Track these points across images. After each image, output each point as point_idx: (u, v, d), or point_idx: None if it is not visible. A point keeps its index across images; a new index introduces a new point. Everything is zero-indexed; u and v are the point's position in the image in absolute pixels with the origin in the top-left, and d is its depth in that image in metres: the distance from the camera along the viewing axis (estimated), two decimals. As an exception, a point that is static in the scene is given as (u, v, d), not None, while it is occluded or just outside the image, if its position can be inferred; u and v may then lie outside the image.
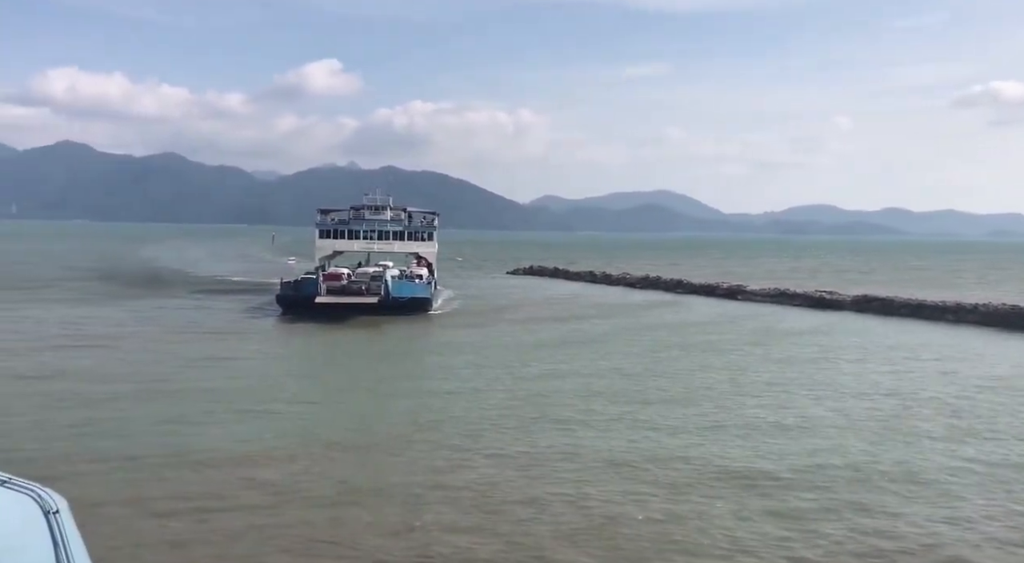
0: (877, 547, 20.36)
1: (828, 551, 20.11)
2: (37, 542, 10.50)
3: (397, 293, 70.63)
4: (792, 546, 20.37)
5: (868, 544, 20.55)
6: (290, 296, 69.83)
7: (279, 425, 32.14)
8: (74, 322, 61.87)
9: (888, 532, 21.36)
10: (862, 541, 20.72)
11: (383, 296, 69.43)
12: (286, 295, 70.23)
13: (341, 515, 22.27)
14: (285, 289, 71.06)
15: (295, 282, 71.76)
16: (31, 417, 32.01)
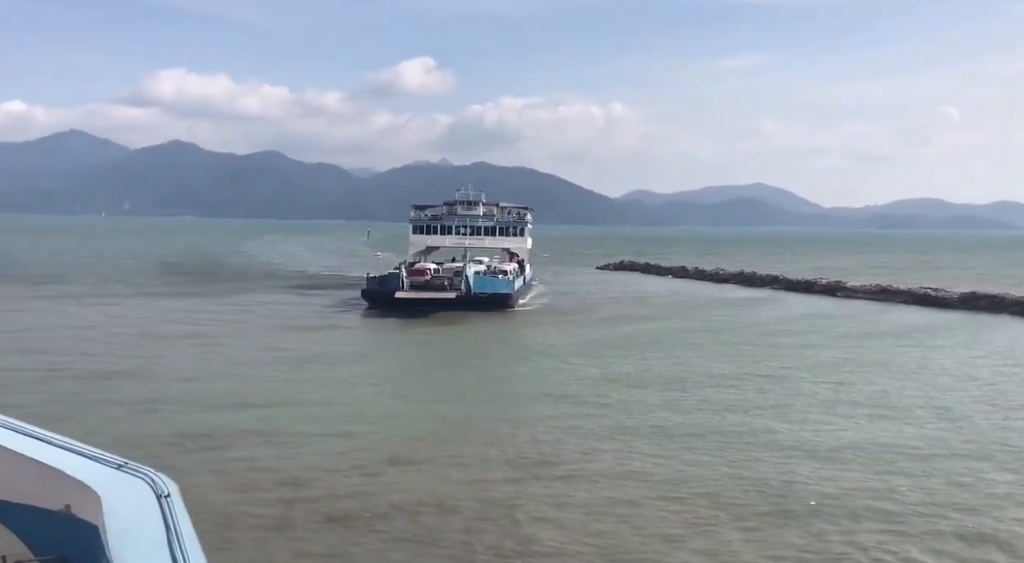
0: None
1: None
2: (151, 524, 11.12)
3: (479, 289, 70.92)
4: None
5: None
6: (374, 291, 70.96)
7: (357, 435, 32.88)
8: (173, 316, 64.78)
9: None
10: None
11: (464, 292, 69.85)
12: (371, 290, 71.40)
13: (440, 507, 22.70)
14: (370, 284, 72.19)
15: (379, 277, 72.86)
16: (132, 406, 33.79)
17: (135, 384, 37.74)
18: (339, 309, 72.12)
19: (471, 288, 70.47)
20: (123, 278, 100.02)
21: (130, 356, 45.28)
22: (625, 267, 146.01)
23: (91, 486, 11.37)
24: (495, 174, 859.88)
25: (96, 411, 32.03)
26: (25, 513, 12.70)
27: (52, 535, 12.06)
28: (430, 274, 72.91)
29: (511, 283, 75.79)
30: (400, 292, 69.36)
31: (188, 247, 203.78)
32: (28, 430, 14.05)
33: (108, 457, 12.57)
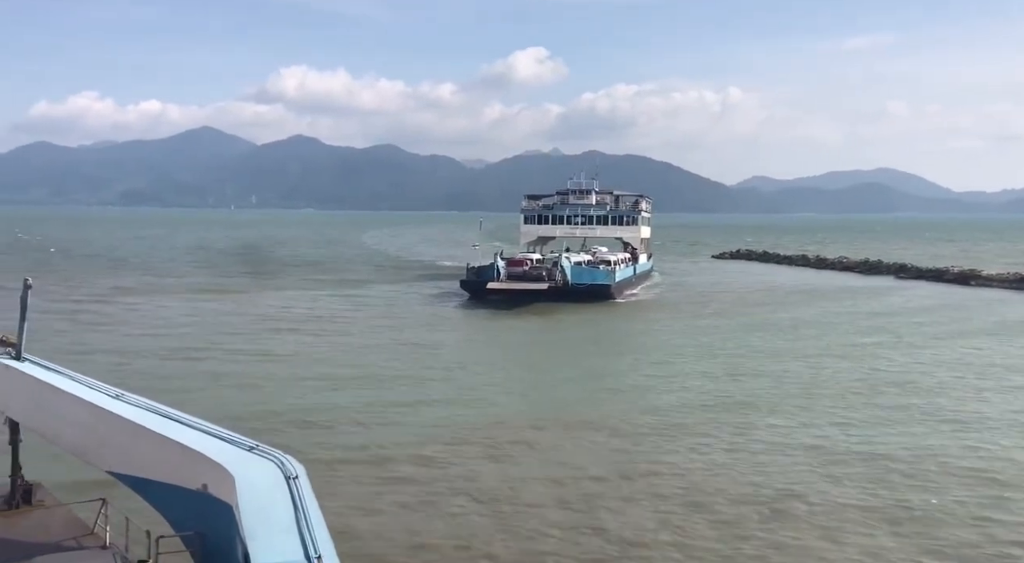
0: None
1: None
2: (280, 505, 11.75)
3: (576, 280, 70.35)
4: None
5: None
6: (472, 281, 71.55)
7: (457, 415, 33.39)
8: (295, 307, 67.68)
9: None
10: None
11: (561, 282, 69.44)
12: (469, 281, 72.03)
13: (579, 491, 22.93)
14: (469, 275, 72.90)
15: (477, 268, 73.27)
16: (266, 391, 35.46)
17: (264, 370, 39.72)
18: (441, 300, 72.77)
19: (569, 279, 70.15)
20: (249, 269, 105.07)
21: (259, 344, 47.75)
22: (742, 256, 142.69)
23: (226, 467, 12.16)
24: (607, 163, 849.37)
25: (225, 395, 33.84)
26: (167, 491, 13.67)
27: (190, 512, 12.94)
28: (529, 265, 72.76)
29: (611, 274, 74.33)
30: (492, 283, 69.70)
31: (311, 239, 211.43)
32: (170, 413, 15.08)
33: (241, 439, 13.39)
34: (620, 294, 74.51)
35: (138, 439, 14.12)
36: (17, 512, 17.20)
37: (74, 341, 45.69)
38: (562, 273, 70.09)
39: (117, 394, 15.76)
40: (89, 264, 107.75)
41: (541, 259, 75.20)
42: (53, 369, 17.13)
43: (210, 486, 12.43)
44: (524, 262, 73.27)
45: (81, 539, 15.76)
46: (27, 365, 17.18)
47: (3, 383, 17.38)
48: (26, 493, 17.65)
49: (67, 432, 16.07)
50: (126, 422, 14.42)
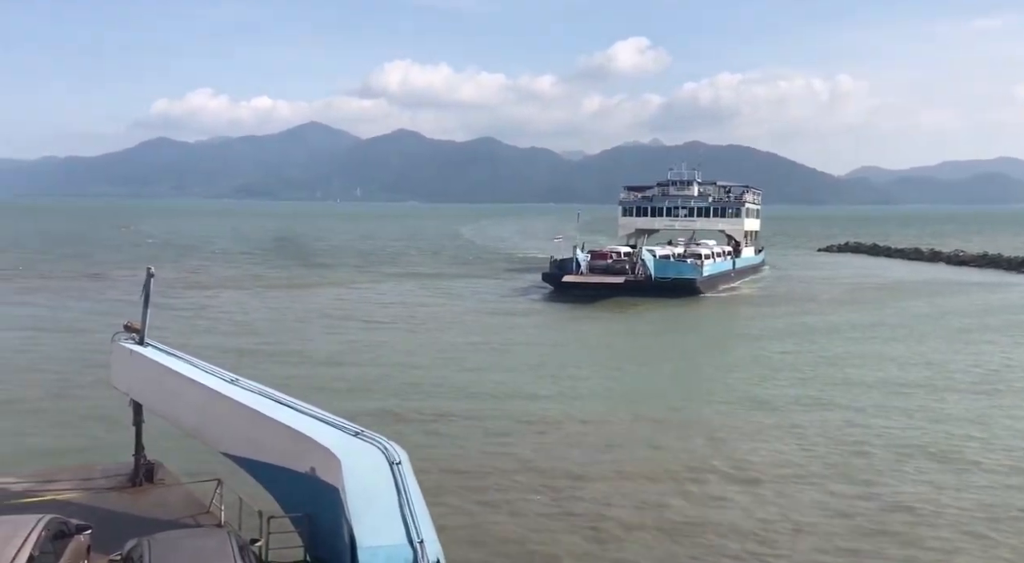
0: None
1: None
2: (385, 489, 12.11)
3: (660, 274, 68.79)
4: None
5: None
6: (553, 274, 70.91)
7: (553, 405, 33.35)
8: (392, 300, 69.13)
9: None
10: None
11: (643, 276, 68.23)
12: (551, 273, 71.34)
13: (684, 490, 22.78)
14: (552, 267, 72.23)
15: (559, 261, 72.43)
16: (356, 381, 36.40)
17: (359, 360, 40.88)
18: (527, 292, 72.23)
19: (651, 273, 68.86)
20: (346, 260, 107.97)
21: (349, 336, 49.17)
22: (850, 249, 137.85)
23: (333, 451, 12.61)
24: (710, 153, 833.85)
25: (326, 384, 34.84)
26: (277, 473, 14.24)
27: (299, 494, 13.45)
28: (613, 258, 71.55)
29: (697, 268, 72.00)
30: (568, 276, 69.07)
31: (412, 232, 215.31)
32: (281, 397, 15.69)
33: (347, 425, 13.82)
34: (711, 289, 72.49)
35: (251, 422, 14.75)
36: (140, 489, 18.26)
37: (185, 330, 47.89)
38: (644, 267, 69.01)
39: (232, 379, 16.50)
40: (185, 254, 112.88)
41: (630, 252, 73.77)
42: (173, 354, 18.07)
43: (318, 469, 12.89)
44: (608, 255, 72.35)
45: (198, 517, 16.62)
46: (150, 350, 18.18)
47: (128, 367, 18.45)
48: (148, 471, 18.72)
49: (185, 414, 16.94)
50: (240, 406, 15.10)
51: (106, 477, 18.84)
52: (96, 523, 14.51)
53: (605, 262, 70.72)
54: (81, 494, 17.74)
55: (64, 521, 13.38)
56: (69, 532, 13.26)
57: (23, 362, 38.93)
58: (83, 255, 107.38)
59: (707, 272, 73.50)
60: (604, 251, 74.04)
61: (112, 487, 18.29)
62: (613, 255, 72.17)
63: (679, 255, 76.07)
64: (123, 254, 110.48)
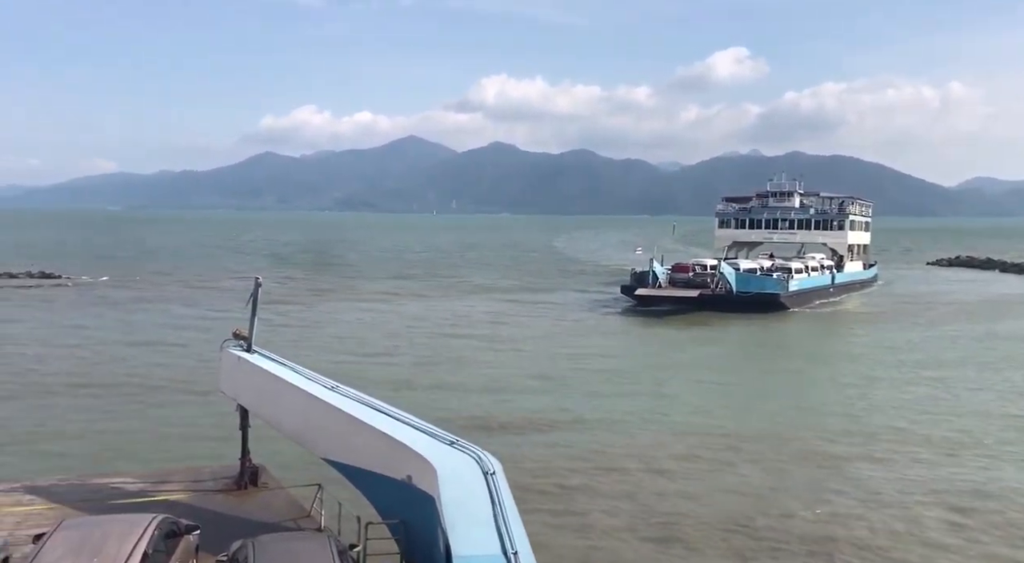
0: None
1: None
2: (479, 498, 12.19)
3: (741, 288, 66.97)
4: None
5: None
6: (631, 287, 69.87)
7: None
8: (477, 313, 69.53)
9: None
10: None
11: (723, 290, 66.58)
12: (630, 286, 70.30)
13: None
14: (632, 280, 71.13)
15: (639, 273, 71.09)
16: (447, 393, 36.74)
17: (448, 373, 41.37)
18: (609, 306, 71.27)
19: (732, 287, 67.07)
20: (453, 274, 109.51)
21: (436, 348, 49.85)
22: (961, 262, 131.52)
23: (428, 459, 12.76)
24: (811, 164, 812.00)
25: (417, 394, 35.41)
26: (374, 480, 14.50)
27: (395, 501, 13.66)
28: (694, 271, 70.02)
29: (783, 283, 69.47)
30: (641, 289, 68.15)
31: (502, 243, 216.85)
32: (378, 405, 15.99)
33: (442, 433, 13.98)
34: (801, 304, 70.18)
35: (350, 429, 15.09)
36: (245, 492, 18.91)
37: (295, 338, 49.43)
38: (724, 280, 67.37)
39: (332, 386, 16.93)
40: (282, 264, 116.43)
41: (715, 265, 71.26)
42: (278, 361, 18.66)
43: (414, 477, 13.07)
44: (690, 268, 71.02)
45: (299, 520, 17.09)
46: (256, 357, 18.82)
47: (236, 373, 19.16)
48: (253, 475, 19.36)
49: (288, 419, 17.46)
50: (340, 412, 15.47)
51: (213, 479, 19.58)
52: (203, 524, 15.10)
53: (687, 275, 69.47)
54: (190, 495, 18.48)
55: (175, 521, 13.97)
56: (179, 532, 13.84)
57: (141, 365, 40.96)
58: (199, 263, 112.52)
59: (795, 287, 71.03)
60: (686, 264, 72.89)
61: (219, 489, 19.00)
62: (697, 268, 70.76)
63: (766, 269, 73.85)
64: (235, 263, 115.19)
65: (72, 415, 31.16)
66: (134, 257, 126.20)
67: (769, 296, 67.40)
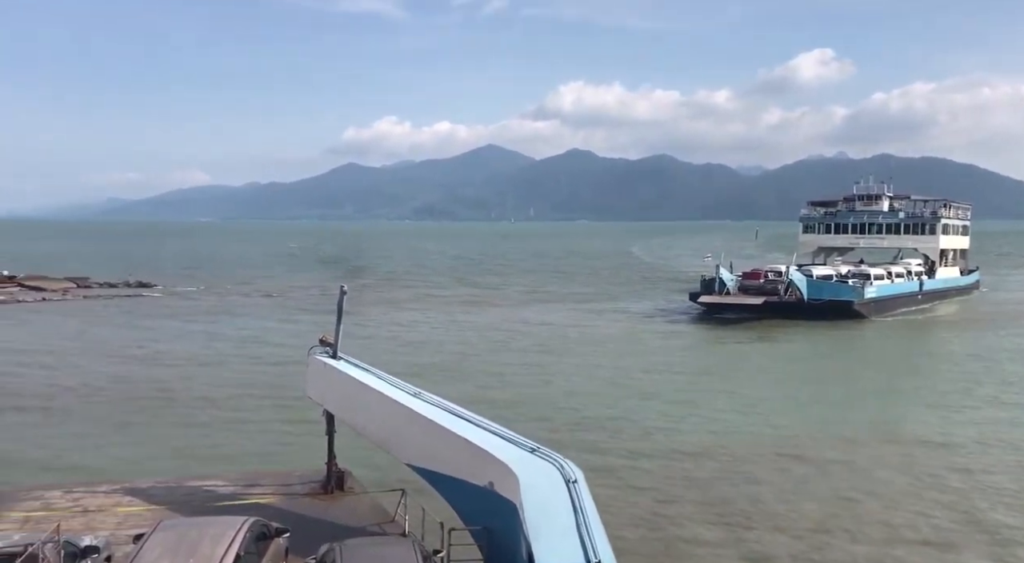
0: None
1: None
2: (561, 506, 12.17)
3: (814, 295, 64.80)
4: None
5: None
6: (700, 294, 68.46)
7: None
8: (546, 320, 69.18)
9: None
10: None
11: (794, 297, 64.67)
12: (698, 293, 68.92)
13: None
14: (702, 287, 69.44)
15: (708, 280, 69.39)
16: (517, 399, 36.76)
17: (519, 381, 41.61)
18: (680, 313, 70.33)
19: (803, 294, 64.92)
20: (531, 281, 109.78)
21: (514, 357, 49.79)
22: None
23: (510, 467, 12.81)
24: (900, 166, 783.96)
25: (490, 401, 35.58)
26: (457, 486, 14.63)
27: (478, 508, 13.75)
28: (765, 278, 68.14)
29: (858, 290, 66.76)
30: (705, 296, 66.96)
31: (580, 250, 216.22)
32: (460, 412, 16.14)
33: (523, 441, 14.01)
34: (881, 312, 67.64)
35: (432, 435, 15.27)
36: (331, 496, 19.33)
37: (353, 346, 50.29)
38: (794, 287, 65.30)
39: (415, 392, 17.18)
40: (359, 274, 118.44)
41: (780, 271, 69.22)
42: (362, 367, 19.04)
43: (496, 484, 13.13)
44: (760, 274, 69.21)
45: (384, 525, 17.37)
46: (342, 363, 19.25)
47: (323, 379, 19.63)
48: (339, 479, 19.78)
49: (372, 425, 17.79)
50: (422, 418, 15.68)
51: (301, 483, 20.08)
52: (291, 526, 15.48)
53: (757, 282, 67.80)
54: (279, 498, 18.99)
55: (265, 524, 14.37)
56: (270, 534, 14.23)
57: (231, 372, 42.34)
58: (282, 272, 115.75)
59: (872, 294, 68.22)
60: (758, 271, 71.10)
61: (306, 493, 19.47)
62: (770, 274, 68.87)
63: (842, 275, 71.27)
64: (315, 272, 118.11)
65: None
66: (222, 266, 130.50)
67: (842, 304, 65.08)
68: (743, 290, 67.55)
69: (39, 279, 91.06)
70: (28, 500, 18.84)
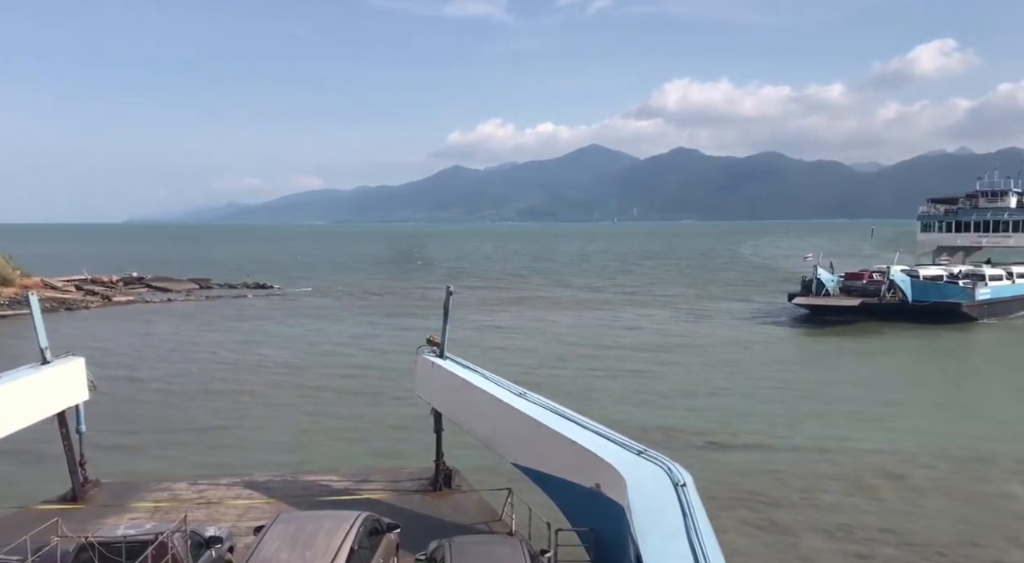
0: None
1: None
2: (670, 511, 12.01)
3: (918, 296, 61.74)
4: None
5: None
6: (799, 295, 66.33)
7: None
8: (646, 323, 68.03)
9: None
10: None
11: (897, 299, 61.84)
12: (797, 294, 66.79)
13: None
14: (802, 288, 67.22)
15: (807, 282, 67.05)
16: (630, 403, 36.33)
17: (621, 383, 41.27)
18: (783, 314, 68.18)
19: (907, 295, 61.92)
20: (634, 281, 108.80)
21: (615, 360, 49.28)
22: None
23: (617, 469, 12.74)
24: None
25: (593, 403, 35.40)
26: (563, 486, 14.66)
27: (584, 509, 13.74)
28: (870, 278, 65.36)
29: (968, 291, 63.08)
30: (799, 298, 65.17)
31: (686, 250, 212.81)
32: (565, 412, 16.17)
33: (630, 443, 13.91)
34: (993, 315, 64.00)
35: (538, 435, 15.33)
36: (439, 494, 19.67)
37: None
38: (895, 289, 62.40)
39: (521, 392, 17.28)
40: (463, 275, 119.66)
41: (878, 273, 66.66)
42: (469, 367, 19.32)
43: (603, 486, 13.07)
44: (864, 275, 66.63)
45: (491, 523, 17.54)
46: (448, 362, 19.60)
47: (430, 378, 20.02)
48: (447, 477, 20.11)
49: (479, 424, 18.02)
50: (528, 419, 15.76)
51: (411, 480, 20.51)
52: (402, 522, 15.83)
53: (861, 283, 65.26)
54: (389, 494, 19.44)
55: (377, 519, 14.75)
56: (381, 530, 14.59)
57: (343, 369, 43.71)
58: (388, 274, 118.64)
59: (985, 296, 64.39)
60: (861, 271, 68.67)
61: (416, 490, 19.87)
62: (875, 275, 66.08)
63: (952, 275, 67.33)
64: (420, 274, 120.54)
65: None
66: (332, 268, 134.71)
67: (950, 305, 61.83)
68: (845, 291, 65.36)
69: (165, 280, 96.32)
70: (157, 491, 19.92)
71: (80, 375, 19.77)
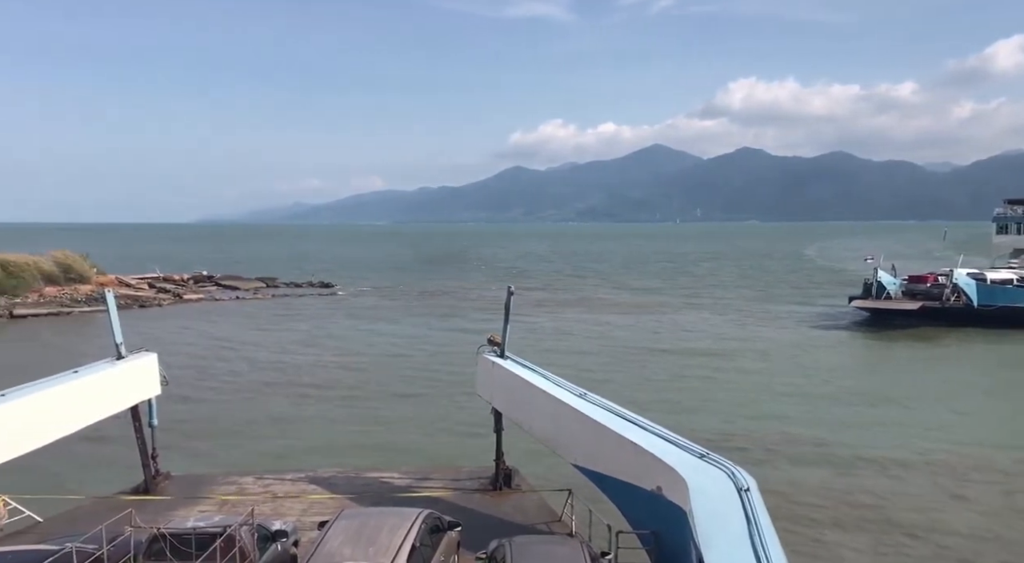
0: None
1: None
2: (733, 515, 11.81)
3: (984, 301, 59.72)
4: None
5: None
6: (860, 298, 64.79)
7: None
8: (705, 327, 67.19)
9: None
10: None
11: (961, 303, 59.94)
12: (857, 297, 65.35)
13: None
14: (863, 290, 65.63)
15: (868, 284, 65.40)
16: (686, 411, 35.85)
17: (677, 388, 40.93)
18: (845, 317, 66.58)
19: (972, 299, 59.98)
20: (694, 283, 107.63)
21: (672, 365, 48.75)
22: None
23: (679, 472, 12.58)
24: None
25: (648, 407, 34.96)
26: (623, 488, 14.54)
27: (645, 511, 13.60)
28: (933, 281, 63.53)
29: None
30: (857, 300, 64.05)
31: (749, 252, 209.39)
32: (626, 414, 16.02)
33: (692, 446, 13.74)
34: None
35: (598, 437, 15.23)
36: (500, 493, 19.72)
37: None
38: (958, 292, 60.48)
39: (581, 393, 17.19)
40: (521, 276, 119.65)
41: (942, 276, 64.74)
42: (529, 367, 19.30)
43: (664, 489, 12.91)
44: (928, 278, 64.90)
45: (551, 524, 17.52)
46: (508, 362, 19.61)
47: (490, 377, 20.06)
48: (507, 477, 20.16)
49: (539, 424, 17.98)
50: (589, 420, 15.66)
51: (471, 479, 20.62)
52: (463, 521, 15.92)
53: (924, 286, 63.67)
54: (450, 493, 19.57)
55: (439, 517, 14.86)
56: (442, 528, 14.70)
57: (405, 367, 44.24)
58: (447, 274, 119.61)
59: None
60: (924, 274, 66.98)
61: (476, 489, 19.96)
62: (939, 278, 64.27)
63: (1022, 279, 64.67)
64: (479, 274, 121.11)
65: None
66: (393, 269, 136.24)
67: (1019, 310, 59.81)
68: (909, 294, 63.84)
69: (234, 279, 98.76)
70: (225, 484, 20.42)
71: (153, 370, 20.31)
